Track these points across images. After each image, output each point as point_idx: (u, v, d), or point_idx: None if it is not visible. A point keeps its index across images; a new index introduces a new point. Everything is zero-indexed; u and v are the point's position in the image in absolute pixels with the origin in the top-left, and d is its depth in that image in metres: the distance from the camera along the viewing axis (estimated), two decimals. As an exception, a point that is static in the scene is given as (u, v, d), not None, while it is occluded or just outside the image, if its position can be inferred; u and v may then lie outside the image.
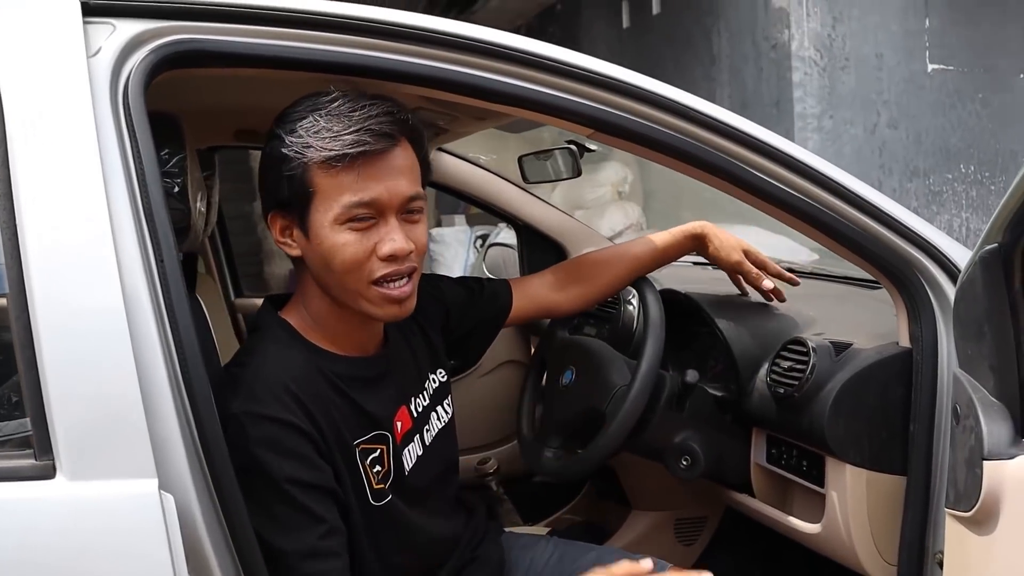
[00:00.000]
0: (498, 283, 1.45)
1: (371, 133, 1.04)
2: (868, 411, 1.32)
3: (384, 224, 1.06)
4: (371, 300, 1.08)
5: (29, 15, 0.94)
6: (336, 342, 1.14)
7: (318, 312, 1.14)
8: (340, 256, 1.05)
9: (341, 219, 1.05)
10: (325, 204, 1.05)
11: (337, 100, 1.05)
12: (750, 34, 4.72)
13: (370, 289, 1.07)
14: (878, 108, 4.54)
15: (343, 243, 1.05)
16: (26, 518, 0.83)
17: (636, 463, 1.73)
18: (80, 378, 0.85)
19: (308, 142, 1.04)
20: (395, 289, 1.08)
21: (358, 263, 1.06)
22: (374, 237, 1.06)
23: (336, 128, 1.03)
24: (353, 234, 1.05)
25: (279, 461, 1.02)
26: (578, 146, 1.87)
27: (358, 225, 1.05)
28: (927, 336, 1.29)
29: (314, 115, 1.05)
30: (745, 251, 1.55)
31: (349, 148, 1.03)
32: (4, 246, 0.87)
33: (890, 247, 1.29)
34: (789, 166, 1.24)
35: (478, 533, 1.33)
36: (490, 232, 5.29)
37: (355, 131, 1.03)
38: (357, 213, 1.05)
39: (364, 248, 1.06)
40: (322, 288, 1.11)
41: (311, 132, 1.04)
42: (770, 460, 1.51)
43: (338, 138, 1.03)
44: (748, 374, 1.51)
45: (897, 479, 1.32)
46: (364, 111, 1.05)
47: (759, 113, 4.68)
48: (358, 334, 1.16)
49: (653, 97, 1.18)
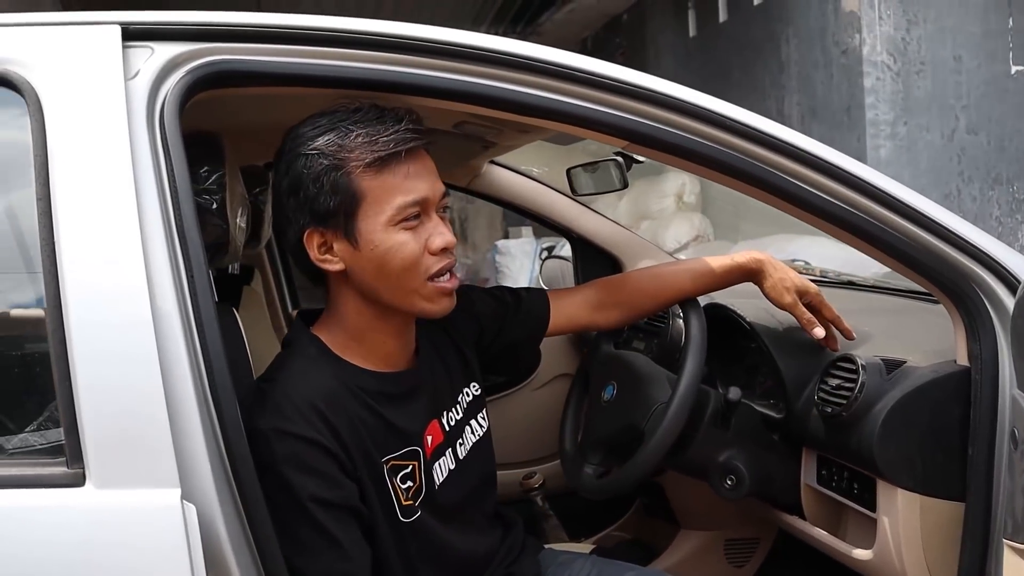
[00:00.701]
0: (536, 297, 1.43)
1: (410, 132, 1.08)
2: (921, 433, 1.26)
3: (429, 220, 1.11)
4: (427, 296, 1.11)
5: (73, 41, 0.99)
6: (369, 358, 1.15)
7: (356, 326, 1.14)
8: (399, 256, 1.08)
9: (395, 220, 1.07)
10: (375, 208, 1.07)
11: (359, 111, 1.08)
12: (820, 40, 4.60)
13: (426, 286, 1.11)
14: (956, 113, 4.36)
15: (401, 243, 1.08)
16: (57, 523, 0.86)
17: (684, 481, 1.69)
18: (110, 390, 0.88)
19: (349, 149, 1.06)
20: (448, 282, 1.12)
21: (415, 261, 1.09)
22: (423, 234, 1.10)
23: (373, 133, 1.06)
24: (407, 233, 1.08)
25: (302, 479, 1.02)
26: (625, 157, 1.85)
27: (410, 224, 1.08)
28: (987, 354, 1.22)
29: (342, 126, 1.07)
30: (802, 292, 1.43)
31: (395, 147, 1.06)
32: (43, 262, 0.90)
33: (945, 260, 1.22)
34: (834, 176, 1.19)
35: (514, 549, 1.32)
36: (557, 244, 5.29)
37: (395, 132, 1.06)
38: (410, 212, 1.08)
39: (419, 245, 1.09)
40: (370, 297, 1.12)
41: (347, 141, 1.06)
42: (820, 481, 1.45)
43: (379, 141, 1.06)
44: (796, 392, 1.46)
45: (954, 506, 1.25)
46: (392, 114, 1.08)
47: (829, 121, 4.55)
48: (394, 346, 1.17)
49: (686, 107, 1.16)
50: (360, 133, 1.06)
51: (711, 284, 1.48)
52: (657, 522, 2.04)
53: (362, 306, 1.13)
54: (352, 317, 1.14)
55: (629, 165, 1.87)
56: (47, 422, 0.93)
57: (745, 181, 1.21)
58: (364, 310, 1.13)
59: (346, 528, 1.06)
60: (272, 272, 2.31)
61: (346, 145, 1.06)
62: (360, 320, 1.14)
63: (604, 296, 1.47)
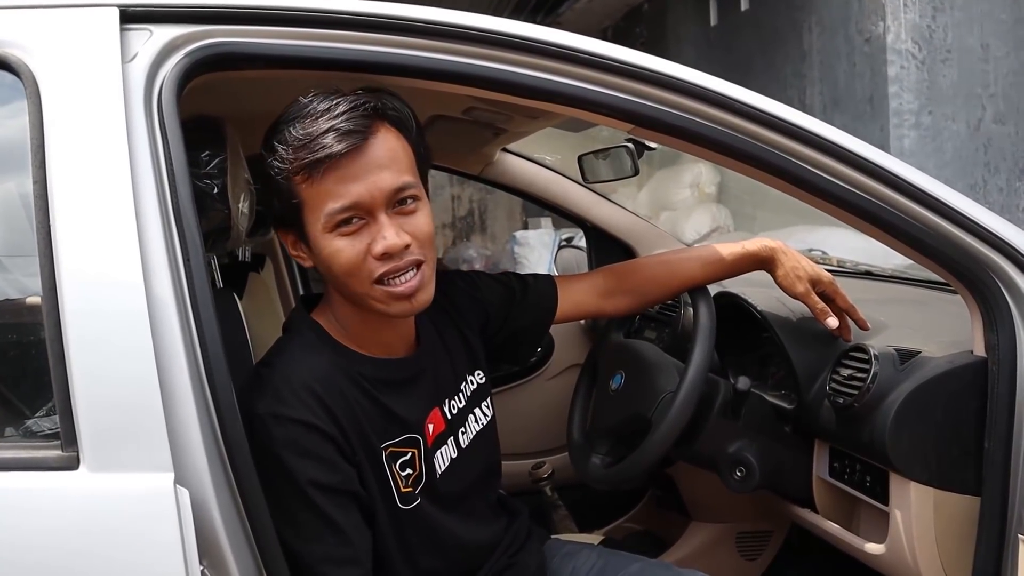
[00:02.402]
0: (543, 283, 1.40)
1: (336, 134, 1.01)
2: (935, 425, 1.23)
3: (375, 222, 1.04)
4: (378, 299, 1.06)
5: (70, 23, 0.98)
6: (364, 344, 1.14)
7: (343, 315, 1.13)
8: (337, 262, 1.04)
9: (328, 227, 1.03)
10: (313, 215, 1.04)
11: (309, 104, 1.04)
12: (843, 28, 4.52)
13: (374, 289, 1.05)
14: (983, 102, 4.26)
15: (336, 250, 1.04)
16: (50, 506, 0.86)
17: (695, 473, 1.67)
18: (104, 374, 0.88)
19: (285, 155, 1.03)
20: (400, 285, 1.05)
21: (356, 267, 1.04)
22: (366, 238, 1.04)
23: (303, 137, 1.02)
24: (344, 239, 1.03)
25: (301, 463, 1.02)
26: (636, 144, 1.82)
27: (347, 229, 1.03)
28: (1004, 344, 1.19)
29: (291, 125, 1.03)
30: (816, 281, 1.40)
31: (318, 153, 1.00)
32: (39, 245, 0.90)
33: (962, 247, 1.19)
34: (846, 160, 1.16)
35: (518, 538, 1.30)
36: (575, 235, 5.25)
37: (322, 135, 1.01)
38: (341, 218, 1.03)
39: (358, 251, 1.04)
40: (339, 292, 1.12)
41: (287, 144, 1.03)
42: (832, 474, 1.42)
43: (307, 146, 1.01)
44: (808, 382, 1.43)
45: (969, 500, 1.22)
46: (329, 112, 1.02)
47: (852, 110, 4.47)
48: (384, 335, 1.16)
49: (698, 91, 1.13)
50: (296, 136, 1.02)
51: (721, 272, 1.45)
52: (669, 514, 2.02)
53: (342, 299, 1.12)
54: (340, 307, 1.14)
55: (641, 152, 1.85)
56: (42, 406, 0.93)
57: (758, 167, 1.18)
58: (344, 302, 1.12)
59: (346, 512, 1.05)
60: (284, 260, 2.31)
61: (287, 148, 1.03)
62: (345, 309, 1.13)
63: (612, 283, 1.45)
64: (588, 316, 1.47)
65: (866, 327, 1.43)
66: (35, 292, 0.90)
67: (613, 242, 2.23)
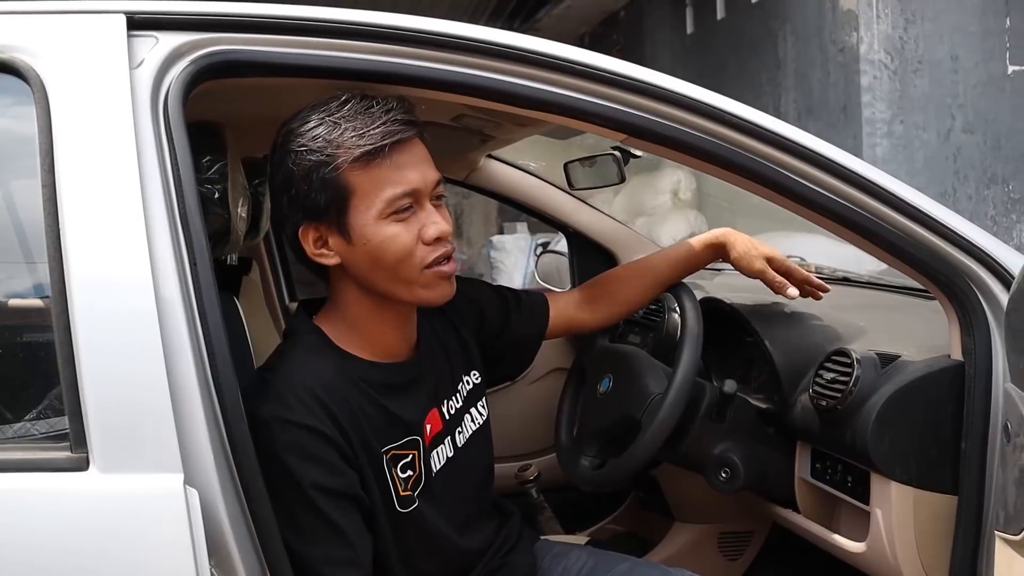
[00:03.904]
0: (536, 299, 1.45)
1: (398, 123, 1.07)
2: (915, 427, 1.27)
3: (422, 210, 1.10)
4: (426, 284, 1.11)
5: (78, 29, 0.99)
6: (369, 348, 1.15)
7: (356, 317, 1.15)
8: (392, 248, 1.08)
9: (385, 213, 1.07)
10: (366, 202, 1.07)
11: (348, 103, 1.08)
12: (817, 37, 4.61)
13: (423, 274, 1.10)
14: (953, 112, 4.37)
15: (392, 235, 1.08)
16: (60, 507, 0.87)
17: (679, 474, 1.70)
18: (114, 376, 0.89)
19: (336, 144, 1.05)
20: (447, 266, 1.12)
21: (409, 252, 1.08)
22: (416, 224, 1.09)
23: (360, 126, 1.06)
24: (399, 224, 1.08)
25: (304, 466, 1.03)
26: (623, 152, 1.86)
27: (402, 215, 1.08)
28: (980, 349, 1.23)
29: (330, 119, 1.06)
30: (770, 258, 1.49)
31: (382, 140, 1.05)
32: (48, 249, 0.91)
33: (940, 255, 1.23)
34: (828, 169, 1.20)
35: (510, 540, 1.33)
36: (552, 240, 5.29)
37: (382, 124, 1.06)
38: (401, 204, 1.08)
39: (412, 237, 1.09)
40: (366, 289, 1.12)
41: (335, 135, 1.06)
42: (814, 475, 1.46)
43: (367, 133, 1.05)
44: (791, 386, 1.47)
45: (947, 499, 1.26)
46: (380, 106, 1.07)
47: (826, 119, 4.56)
48: (394, 337, 1.18)
49: (683, 100, 1.17)
50: (348, 127, 1.06)
51: (686, 266, 1.53)
52: (651, 515, 2.05)
53: (361, 297, 1.14)
54: (352, 308, 1.15)
55: (627, 160, 1.88)
56: (51, 407, 0.93)
57: (743, 176, 1.22)
58: (364, 301, 1.14)
59: (348, 515, 1.07)
60: (269, 264, 2.32)
61: (334, 140, 1.06)
62: (360, 311, 1.15)
63: (589, 294, 1.52)
64: (575, 330, 1.53)
65: (825, 289, 1.51)
66: (44, 295, 0.91)
67: (595, 247, 2.27)
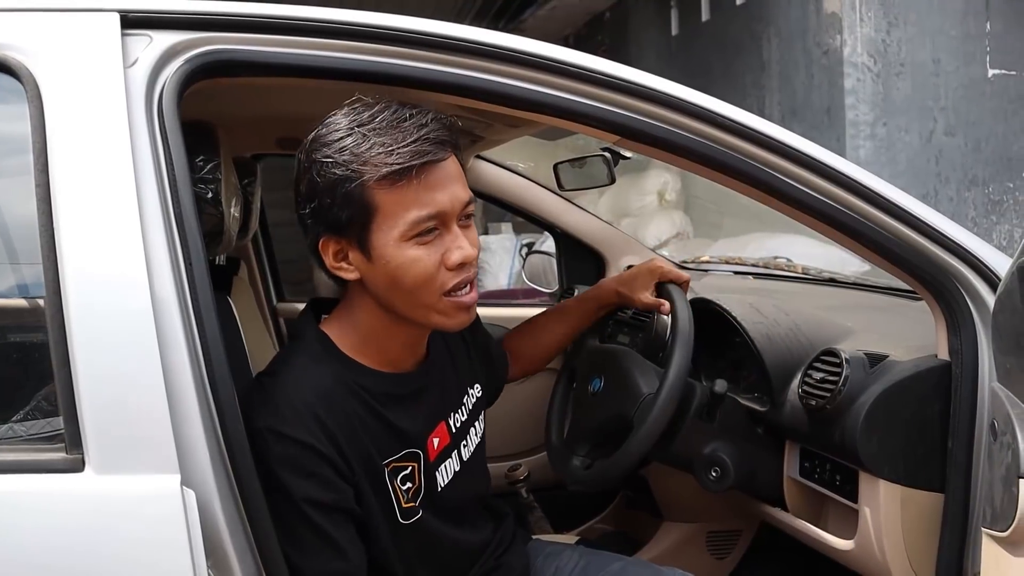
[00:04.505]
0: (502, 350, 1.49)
1: (430, 142, 1.00)
2: (903, 425, 1.29)
3: (448, 233, 1.04)
4: (443, 312, 1.06)
5: (71, 27, 0.98)
6: (374, 358, 1.12)
7: (369, 329, 1.10)
8: (412, 273, 1.02)
9: (408, 235, 1.01)
10: (389, 222, 1.01)
11: (379, 114, 1.02)
12: (801, 40, 4.64)
13: (441, 301, 1.05)
14: (935, 115, 4.42)
15: (413, 259, 1.02)
16: (56, 508, 0.86)
17: (668, 473, 1.72)
18: (109, 377, 0.89)
19: (363, 159, 1.00)
20: (465, 296, 1.07)
21: (430, 277, 1.03)
22: (440, 248, 1.03)
23: (390, 142, 1.00)
24: (422, 248, 1.02)
25: (297, 480, 1.01)
26: (612, 153, 1.86)
27: (425, 239, 1.02)
28: (967, 349, 1.25)
29: (359, 131, 1.01)
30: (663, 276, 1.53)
31: (411, 160, 0.99)
32: (42, 249, 0.90)
33: (927, 256, 1.25)
34: (818, 171, 1.21)
35: (504, 540, 1.33)
36: (536, 240, 5.29)
37: (413, 142, 1.00)
38: (425, 227, 1.02)
39: (434, 261, 1.03)
40: (383, 307, 1.08)
41: (363, 149, 1.00)
42: (803, 473, 1.48)
43: (395, 152, 0.99)
44: (780, 385, 1.48)
45: (934, 496, 1.28)
46: (414, 120, 1.01)
47: (810, 120, 4.59)
48: (407, 351, 1.15)
49: (677, 103, 1.17)
50: (376, 142, 0.99)
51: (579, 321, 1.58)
52: (639, 514, 2.06)
53: (378, 312, 1.09)
54: (366, 321, 1.10)
55: (616, 161, 1.89)
56: (46, 408, 0.93)
57: (738, 179, 1.23)
58: (379, 315, 1.09)
59: (341, 528, 1.05)
60: (257, 264, 2.31)
61: (361, 155, 1.00)
62: (374, 324, 1.10)
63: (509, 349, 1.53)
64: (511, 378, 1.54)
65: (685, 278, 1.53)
66: (39, 295, 0.90)
67: (583, 248, 2.28)
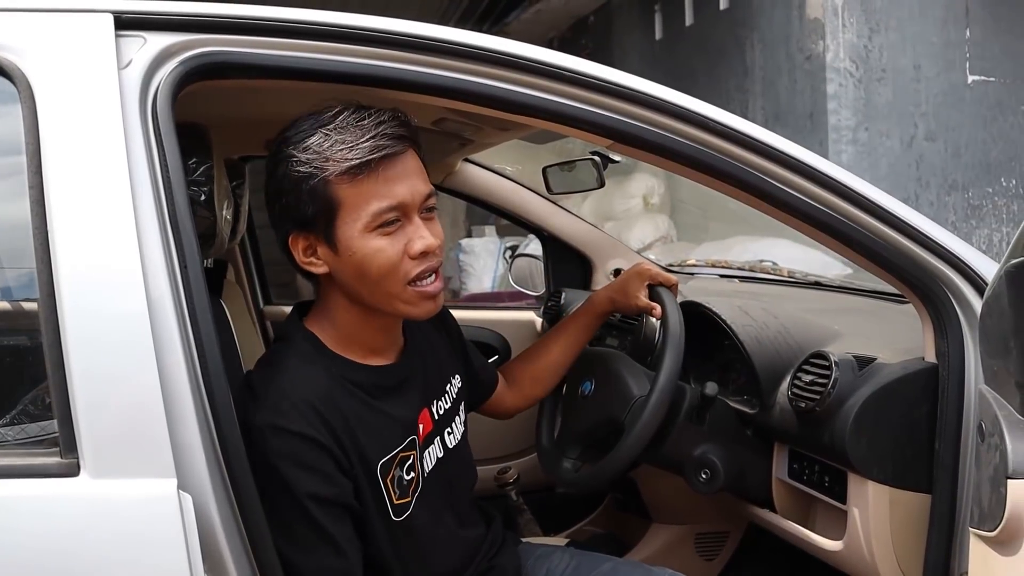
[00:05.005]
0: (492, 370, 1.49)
1: (387, 137, 1.06)
2: (891, 427, 1.30)
3: (410, 224, 1.09)
4: (408, 300, 1.11)
5: (65, 28, 0.97)
6: (358, 352, 1.15)
7: (345, 324, 1.14)
8: (376, 262, 1.07)
9: (371, 226, 1.07)
10: (352, 214, 1.06)
11: (341, 114, 1.07)
12: (784, 45, 4.69)
13: (406, 290, 1.10)
14: (915, 120, 4.48)
15: (376, 249, 1.07)
16: (51, 512, 0.86)
17: (657, 475, 1.72)
18: (105, 380, 0.88)
19: (325, 156, 1.05)
20: (429, 286, 1.11)
21: (394, 266, 1.08)
22: (403, 238, 1.08)
23: (351, 139, 1.05)
24: (385, 239, 1.07)
25: (299, 475, 1.03)
26: (602, 157, 1.87)
27: (388, 229, 1.07)
28: (954, 351, 1.27)
29: (322, 131, 1.06)
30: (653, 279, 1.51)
31: (370, 155, 1.05)
32: (36, 251, 0.90)
33: (915, 260, 1.27)
34: (809, 176, 1.23)
35: (495, 543, 1.33)
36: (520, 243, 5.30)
37: (371, 138, 1.05)
38: (386, 218, 1.07)
39: (397, 251, 1.08)
40: (352, 299, 1.12)
41: (325, 147, 1.05)
42: (792, 475, 1.49)
43: (356, 147, 1.05)
44: (770, 388, 1.50)
45: (922, 497, 1.29)
46: (372, 118, 1.07)
47: (792, 125, 4.64)
48: (384, 341, 1.18)
49: (671, 108, 1.18)
50: (338, 139, 1.05)
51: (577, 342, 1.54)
52: (628, 516, 2.07)
53: (349, 305, 1.13)
54: (340, 314, 1.15)
55: (605, 164, 1.90)
56: (40, 412, 0.92)
57: (729, 183, 1.24)
58: (351, 309, 1.14)
59: (340, 524, 1.06)
60: (244, 267, 2.29)
61: (323, 152, 1.05)
62: (348, 317, 1.14)
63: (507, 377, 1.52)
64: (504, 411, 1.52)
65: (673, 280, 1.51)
66: (33, 297, 0.90)
67: (569, 251, 2.29)
